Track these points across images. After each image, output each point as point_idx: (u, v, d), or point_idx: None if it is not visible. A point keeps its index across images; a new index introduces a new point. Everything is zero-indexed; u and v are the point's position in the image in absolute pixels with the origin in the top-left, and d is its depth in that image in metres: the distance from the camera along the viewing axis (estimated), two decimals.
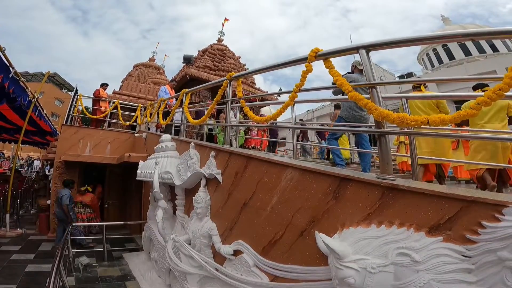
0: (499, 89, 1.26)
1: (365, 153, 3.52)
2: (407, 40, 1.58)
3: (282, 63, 2.52)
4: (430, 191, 1.27)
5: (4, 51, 4.55)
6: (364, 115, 3.44)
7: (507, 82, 1.25)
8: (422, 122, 1.31)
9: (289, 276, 2.00)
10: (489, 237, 1.18)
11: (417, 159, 2.56)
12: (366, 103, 1.55)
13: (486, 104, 1.27)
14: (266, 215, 2.19)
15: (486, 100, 1.25)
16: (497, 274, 1.18)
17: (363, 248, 1.44)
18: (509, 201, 1.13)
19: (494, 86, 1.32)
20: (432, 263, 1.27)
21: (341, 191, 1.62)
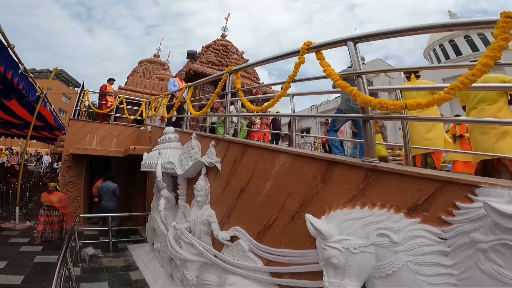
0: (472, 74, 1.31)
1: (362, 144, 3.59)
2: (392, 32, 1.64)
3: (278, 56, 2.58)
4: (407, 172, 1.33)
5: (13, 48, 4.70)
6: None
7: (479, 68, 1.31)
8: (400, 106, 1.37)
9: (281, 260, 2.08)
10: (463, 218, 1.20)
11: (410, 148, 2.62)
12: (351, 90, 1.62)
13: (459, 89, 1.33)
14: (261, 200, 2.28)
15: (458, 85, 1.31)
16: (471, 258, 1.19)
17: (347, 228, 1.50)
18: (481, 181, 1.18)
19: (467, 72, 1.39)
20: (409, 244, 1.31)
21: (329, 174, 1.70)
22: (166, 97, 6.04)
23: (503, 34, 1.35)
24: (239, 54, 12.45)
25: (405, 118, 2.05)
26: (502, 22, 1.36)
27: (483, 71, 1.34)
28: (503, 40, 1.35)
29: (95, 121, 7.97)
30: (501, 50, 1.36)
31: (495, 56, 1.35)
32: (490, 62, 1.35)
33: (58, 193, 5.89)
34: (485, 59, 1.36)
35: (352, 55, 1.84)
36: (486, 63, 1.35)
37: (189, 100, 4.41)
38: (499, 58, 1.36)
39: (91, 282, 4.09)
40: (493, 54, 1.36)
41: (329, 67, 1.91)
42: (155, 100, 7.16)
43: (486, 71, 1.36)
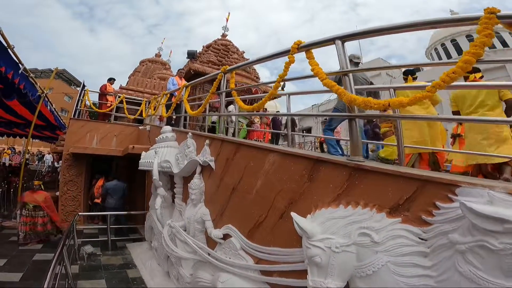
0: (453, 72, 1.30)
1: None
2: (377, 30, 1.64)
3: (270, 56, 2.60)
4: (388, 171, 1.34)
5: (13, 48, 4.76)
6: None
7: (460, 66, 1.30)
8: (384, 105, 1.38)
9: (270, 258, 2.09)
10: (442, 218, 1.19)
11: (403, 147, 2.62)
12: (337, 89, 1.62)
13: (441, 87, 1.32)
14: (252, 199, 2.30)
15: (440, 83, 1.31)
16: (450, 259, 1.17)
17: (330, 227, 1.50)
18: (461, 180, 1.17)
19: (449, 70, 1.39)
20: (390, 244, 1.30)
21: (315, 173, 1.71)
22: (165, 97, 6.07)
23: (486, 31, 1.33)
24: (240, 53, 12.46)
25: (395, 117, 2.04)
26: (485, 18, 1.35)
27: (464, 68, 1.33)
28: (486, 36, 1.34)
29: (95, 121, 8.03)
30: (484, 47, 1.34)
31: (477, 53, 1.34)
32: (471, 59, 1.34)
33: (43, 192, 5.50)
34: (467, 56, 1.35)
35: (340, 54, 1.85)
36: (468, 60, 1.33)
37: (187, 99, 4.42)
38: (481, 55, 1.35)
39: (88, 280, 4.14)
40: (475, 51, 1.34)
41: (317, 66, 1.92)
42: (155, 100, 7.20)
43: (468, 68, 1.34)
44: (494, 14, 1.33)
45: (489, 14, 1.34)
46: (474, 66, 3.34)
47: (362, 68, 3.68)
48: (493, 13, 1.33)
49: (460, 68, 1.28)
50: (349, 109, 1.65)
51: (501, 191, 1.07)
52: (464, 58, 1.29)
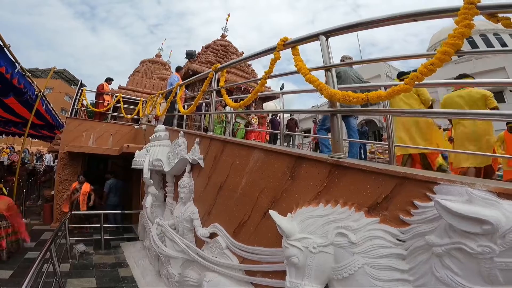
0: (431, 64, 1.27)
1: (352, 144, 3.56)
2: (359, 24, 1.61)
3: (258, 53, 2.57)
4: (367, 167, 1.30)
5: (9, 47, 4.76)
6: (351, 107, 3.48)
7: (438, 57, 1.26)
8: (362, 99, 1.34)
9: (254, 258, 2.05)
10: (420, 218, 1.13)
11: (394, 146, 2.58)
12: (318, 84, 1.59)
13: (419, 79, 1.28)
14: (237, 197, 2.27)
15: (418, 75, 1.27)
16: (427, 262, 1.12)
17: (309, 227, 1.45)
18: (440, 177, 1.12)
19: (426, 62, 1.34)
20: (367, 245, 1.25)
21: (297, 170, 1.67)
22: (161, 96, 6.06)
23: (465, 21, 1.29)
24: (239, 54, 12.47)
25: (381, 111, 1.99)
26: (464, 8, 1.31)
27: (442, 59, 1.29)
28: (465, 27, 1.29)
29: (92, 120, 8.03)
30: (463, 38, 1.30)
31: (455, 43, 1.30)
32: (450, 51, 1.30)
33: (5, 198, 4.56)
34: (445, 47, 1.30)
35: (323, 49, 1.82)
36: (446, 51, 1.30)
37: (180, 98, 4.40)
38: (460, 46, 1.31)
39: (78, 278, 4.11)
40: (453, 41, 1.30)
41: (301, 62, 1.89)
42: (151, 99, 7.19)
43: (446, 59, 1.30)
44: (474, 4, 1.28)
45: (468, 4, 1.30)
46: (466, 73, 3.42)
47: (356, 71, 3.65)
48: (472, 3, 1.29)
49: (438, 59, 1.24)
50: (331, 104, 1.61)
51: (481, 189, 1.01)
52: (442, 49, 1.25)
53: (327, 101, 5.45)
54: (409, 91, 1.28)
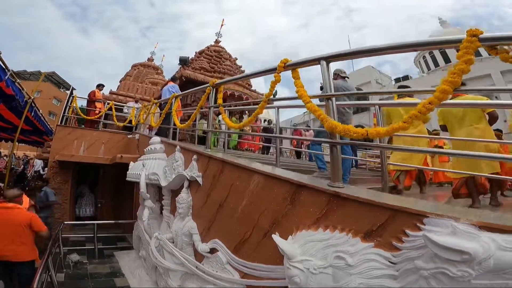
0: (429, 102, 1.34)
1: (344, 159, 3.69)
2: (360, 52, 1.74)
3: (257, 72, 2.68)
4: (364, 200, 1.42)
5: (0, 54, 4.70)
6: (345, 121, 3.61)
7: (436, 96, 1.32)
8: (362, 134, 1.46)
9: (255, 273, 2.15)
10: (410, 245, 1.27)
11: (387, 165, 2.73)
12: (319, 115, 1.70)
13: (417, 118, 1.39)
14: (238, 216, 2.35)
15: (416, 114, 1.36)
16: (416, 283, 1.25)
17: (309, 250, 1.58)
18: (429, 211, 1.25)
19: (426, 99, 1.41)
20: (363, 267, 1.38)
21: (297, 197, 1.78)
22: (155, 106, 6.07)
23: (466, 56, 1.29)
24: (232, 60, 12.56)
25: (378, 146, 2.09)
26: (466, 42, 1.30)
27: (440, 98, 1.33)
28: (466, 62, 1.29)
29: (82, 128, 7.93)
30: (462, 74, 1.31)
31: (454, 81, 1.32)
32: (448, 89, 1.32)
33: None
34: (444, 85, 1.33)
35: (324, 76, 1.90)
36: (444, 90, 1.32)
37: (175, 111, 4.45)
38: (458, 84, 1.33)
39: None
40: (453, 79, 1.32)
41: (302, 88, 2.00)
42: (145, 107, 7.18)
43: (445, 98, 1.34)
44: (476, 37, 1.28)
45: (471, 37, 1.29)
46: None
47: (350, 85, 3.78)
48: (475, 36, 1.29)
49: (436, 98, 1.31)
50: (331, 135, 1.73)
51: (465, 223, 1.15)
52: (441, 87, 1.32)
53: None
54: (407, 129, 1.39)
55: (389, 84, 22.62)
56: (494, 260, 1.07)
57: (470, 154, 1.75)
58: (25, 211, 3.35)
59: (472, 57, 1.28)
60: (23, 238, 3.09)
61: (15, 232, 3.05)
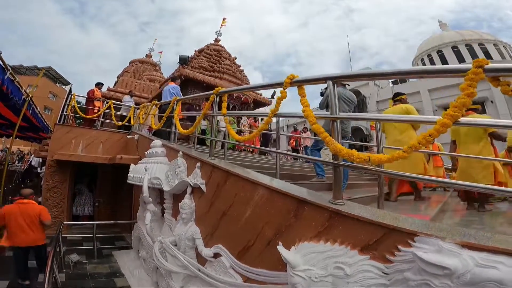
0: (429, 135, 1.44)
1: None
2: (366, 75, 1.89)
3: (262, 85, 2.82)
4: (363, 218, 1.57)
5: (0, 54, 4.70)
6: (345, 128, 3.75)
7: (436, 129, 1.41)
8: (364, 159, 1.59)
9: (258, 278, 2.29)
10: (401, 259, 1.44)
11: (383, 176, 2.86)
12: (325, 137, 1.82)
13: (417, 149, 1.52)
14: (241, 225, 2.48)
15: (416, 145, 1.49)
16: None
17: (311, 260, 1.73)
18: (419, 231, 1.42)
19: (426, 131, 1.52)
20: (359, 276, 1.54)
21: (300, 211, 1.92)
22: (155, 107, 6.13)
23: (470, 89, 1.30)
24: (232, 59, 12.60)
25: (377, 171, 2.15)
26: (472, 73, 1.30)
27: (440, 131, 1.40)
28: (468, 96, 1.31)
29: (81, 127, 7.92)
30: (463, 108, 1.35)
31: (455, 115, 1.36)
32: (448, 123, 1.37)
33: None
34: (445, 119, 1.39)
35: (330, 95, 1.98)
36: (444, 124, 1.38)
37: (177, 115, 4.53)
38: (459, 117, 1.37)
39: None
40: (454, 113, 1.35)
41: (308, 108, 2.12)
42: (144, 107, 7.22)
43: (444, 131, 1.40)
44: (482, 68, 1.29)
45: (477, 68, 1.30)
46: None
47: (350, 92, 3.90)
48: (480, 67, 1.29)
49: (436, 131, 1.40)
50: (334, 157, 1.86)
51: (449, 242, 1.33)
52: (442, 121, 1.38)
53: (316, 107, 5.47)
54: (406, 158, 1.52)
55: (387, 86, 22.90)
56: (471, 275, 1.24)
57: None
58: (37, 205, 4.15)
59: (474, 90, 1.30)
60: (38, 227, 3.91)
61: (32, 222, 3.86)
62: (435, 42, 26.90)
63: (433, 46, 26.47)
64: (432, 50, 26.50)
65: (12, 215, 3.80)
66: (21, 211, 3.84)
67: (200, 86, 9.97)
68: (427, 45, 27.63)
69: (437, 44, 26.32)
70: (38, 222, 3.90)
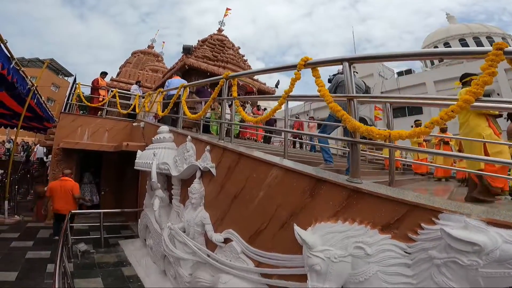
0: (452, 110, 1.43)
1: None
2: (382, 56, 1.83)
3: (275, 68, 2.72)
4: (383, 195, 1.53)
5: (6, 43, 4.66)
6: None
7: (459, 105, 1.42)
8: (385, 135, 1.54)
9: (271, 262, 2.27)
10: (425, 237, 1.40)
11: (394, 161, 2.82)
12: (342, 115, 1.77)
13: (439, 124, 1.49)
14: (254, 208, 2.45)
15: (438, 120, 1.46)
16: (428, 270, 1.40)
17: (329, 240, 1.70)
18: (443, 208, 1.37)
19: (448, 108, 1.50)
20: (380, 256, 1.51)
21: (317, 190, 1.88)
22: (161, 94, 6.08)
23: (491, 69, 1.35)
24: (235, 49, 12.46)
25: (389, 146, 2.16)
26: (492, 55, 1.35)
27: (463, 107, 1.41)
28: (490, 75, 1.36)
29: (86, 115, 7.90)
30: (485, 86, 1.37)
31: (478, 92, 1.39)
32: (471, 99, 1.39)
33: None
34: (468, 95, 1.40)
35: (346, 76, 1.98)
36: (467, 100, 1.40)
37: (185, 100, 4.48)
38: (481, 94, 1.39)
39: (84, 278, 4.16)
40: (476, 90, 1.39)
41: (324, 88, 2.06)
42: (149, 96, 7.17)
43: (467, 107, 1.42)
44: (502, 50, 1.35)
45: (497, 50, 1.35)
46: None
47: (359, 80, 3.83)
48: (501, 49, 1.35)
49: (459, 106, 1.40)
50: (352, 134, 1.81)
51: (475, 219, 1.29)
52: (464, 97, 1.39)
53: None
54: (428, 134, 1.48)
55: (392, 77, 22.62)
56: (500, 252, 1.21)
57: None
58: (72, 182, 5.57)
59: (495, 70, 1.34)
60: (70, 198, 5.39)
61: (68, 195, 5.36)
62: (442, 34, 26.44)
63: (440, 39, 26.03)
64: (438, 42, 26.06)
65: (56, 189, 5.35)
66: (62, 186, 5.37)
67: (204, 75, 9.87)
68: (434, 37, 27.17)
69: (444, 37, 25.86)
70: (71, 195, 5.37)
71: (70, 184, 5.45)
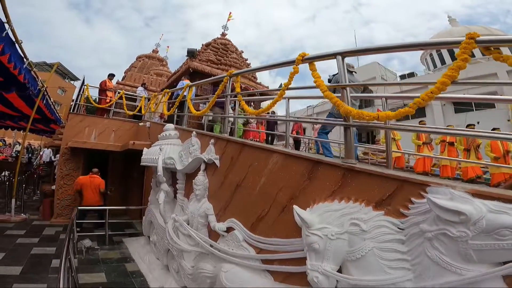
0: (431, 92, 1.57)
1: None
2: (372, 49, 1.94)
3: (274, 64, 2.86)
4: (375, 172, 1.63)
5: (21, 43, 4.86)
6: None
7: (437, 87, 1.56)
8: (374, 117, 1.66)
9: (271, 248, 2.35)
10: (415, 211, 1.47)
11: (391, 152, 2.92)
12: (335, 101, 1.90)
13: (421, 104, 1.60)
14: (255, 195, 2.56)
15: (420, 100, 1.59)
16: (421, 245, 1.44)
17: (326, 218, 1.78)
18: (431, 181, 1.46)
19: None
20: (375, 232, 1.58)
21: (314, 172, 1.99)
22: (166, 95, 6.26)
23: (463, 55, 1.51)
24: (238, 53, 12.69)
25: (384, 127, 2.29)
26: (465, 43, 1.52)
27: (441, 88, 1.57)
28: (463, 60, 1.52)
29: (94, 116, 8.10)
30: (459, 70, 1.55)
31: (453, 75, 1.57)
32: (447, 81, 1.57)
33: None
34: (444, 78, 1.58)
35: (339, 68, 2.12)
36: (444, 82, 1.57)
37: (190, 99, 4.64)
38: (456, 77, 1.58)
39: (88, 273, 4.24)
40: (451, 73, 1.57)
41: (319, 79, 2.19)
42: (155, 97, 7.35)
43: (444, 89, 1.57)
44: (473, 39, 1.52)
45: (469, 39, 1.53)
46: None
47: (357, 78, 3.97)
48: (472, 38, 1.52)
49: (437, 88, 1.54)
50: (345, 118, 1.93)
51: (460, 190, 1.37)
52: (441, 79, 1.54)
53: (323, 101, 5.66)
54: (412, 113, 1.59)
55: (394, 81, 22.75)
56: (486, 221, 1.27)
57: None
58: (100, 179, 6.38)
59: (468, 56, 1.50)
60: (98, 193, 6.22)
61: (95, 189, 6.18)
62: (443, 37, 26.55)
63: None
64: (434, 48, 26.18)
65: (85, 184, 6.13)
66: (91, 182, 6.16)
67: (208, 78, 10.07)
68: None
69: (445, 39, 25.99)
70: (98, 190, 6.19)
71: (98, 180, 6.27)
